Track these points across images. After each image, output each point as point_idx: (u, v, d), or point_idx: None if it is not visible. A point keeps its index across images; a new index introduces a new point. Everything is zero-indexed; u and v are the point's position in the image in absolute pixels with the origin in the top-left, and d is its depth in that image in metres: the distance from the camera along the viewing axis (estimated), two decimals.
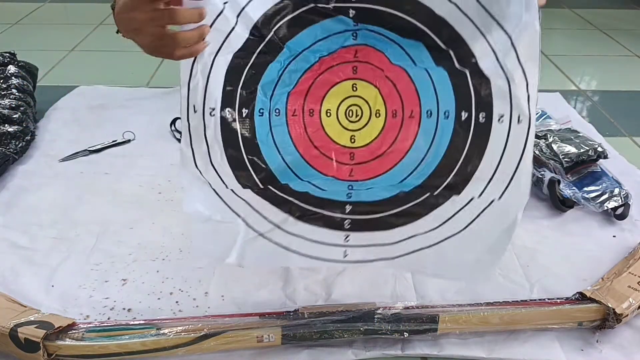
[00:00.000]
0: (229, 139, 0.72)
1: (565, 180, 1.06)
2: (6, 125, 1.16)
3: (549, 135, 1.13)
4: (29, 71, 1.36)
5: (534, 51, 0.67)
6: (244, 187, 0.74)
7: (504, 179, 0.73)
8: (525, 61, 0.68)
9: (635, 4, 2.44)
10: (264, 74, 0.71)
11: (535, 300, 0.81)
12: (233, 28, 0.68)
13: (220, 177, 0.73)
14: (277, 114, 0.74)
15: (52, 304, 0.80)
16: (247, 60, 0.70)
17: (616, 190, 1.02)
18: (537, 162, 1.11)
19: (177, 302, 0.82)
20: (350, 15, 0.70)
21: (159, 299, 0.82)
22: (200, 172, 0.73)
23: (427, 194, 0.76)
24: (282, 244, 0.77)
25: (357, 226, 0.77)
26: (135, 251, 0.91)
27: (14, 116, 1.18)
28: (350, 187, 0.77)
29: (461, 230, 0.76)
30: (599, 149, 1.08)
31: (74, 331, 0.71)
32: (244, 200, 0.75)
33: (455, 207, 0.75)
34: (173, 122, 1.26)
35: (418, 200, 0.77)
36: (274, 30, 0.70)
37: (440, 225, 0.77)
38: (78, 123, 1.30)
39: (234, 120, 0.71)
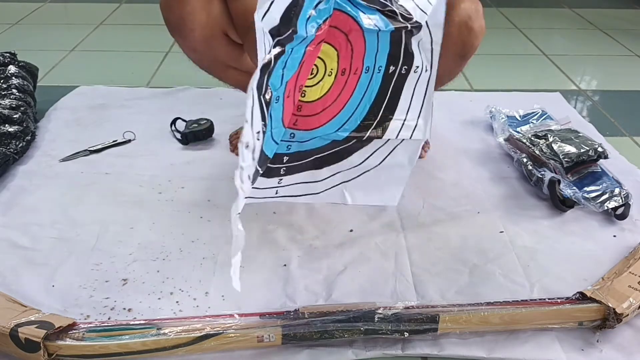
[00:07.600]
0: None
1: (566, 180, 1.06)
2: (6, 125, 1.16)
3: (549, 135, 1.13)
4: (29, 71, 1.36)
5: (440, 19, 0.82)
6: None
7: (413, 119, 0.89)
8: (434, 24, 0.82)
9: (635, 4, 2.44)
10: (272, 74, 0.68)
11: (535, 300, 0.81)
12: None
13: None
14: (277, 101, 0.74)
15: (53, 304, 0.80)
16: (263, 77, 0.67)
17: (616, 190, 1.02)
18: (537, 162, 1.11)
19: (177, 302, 0.82)
20: None
21: (159, 299, 0.82)
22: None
23: (355, 140, 0.90)
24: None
25: (290, 171, 0.91)
26: (135, 251, 0.91)
27: (14, 116, 1.18)
28: (292, 136, 0.87)
29: (377, 165, 0.93)
30: (599, 149, 1.08)
31: (74, 331, 0.71)
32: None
33: (375, 147, 0.91)
34: (173, 122, 1.26)
35: (347, 145, 0.90)
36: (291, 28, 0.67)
37: (361, 163, 0.92)
38: (78, 123, 1.30)
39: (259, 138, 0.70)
